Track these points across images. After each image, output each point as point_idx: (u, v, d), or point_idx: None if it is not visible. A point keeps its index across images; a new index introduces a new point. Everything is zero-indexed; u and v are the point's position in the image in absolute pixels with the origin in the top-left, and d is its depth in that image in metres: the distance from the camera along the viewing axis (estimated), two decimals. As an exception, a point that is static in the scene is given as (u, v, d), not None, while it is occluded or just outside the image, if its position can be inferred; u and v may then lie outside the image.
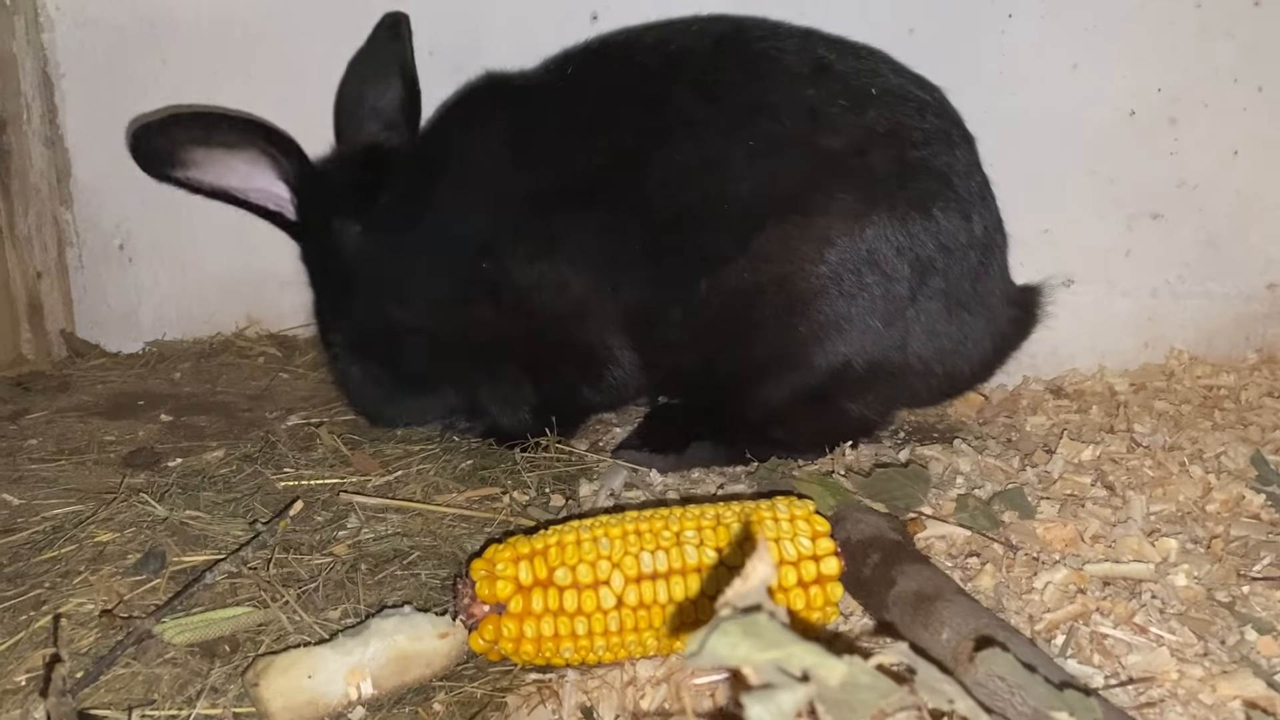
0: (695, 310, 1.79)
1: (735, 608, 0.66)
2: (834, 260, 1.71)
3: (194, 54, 2.39)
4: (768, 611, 0.65)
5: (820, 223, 1.71)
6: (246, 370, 2.36)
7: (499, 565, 1.21)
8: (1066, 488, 1.67)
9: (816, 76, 1.79)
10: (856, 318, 1.73)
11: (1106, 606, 1.30)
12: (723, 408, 1.83)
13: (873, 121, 1.76)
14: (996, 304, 1.86)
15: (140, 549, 1.47)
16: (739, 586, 0.68)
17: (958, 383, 1.94)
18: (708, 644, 0.63)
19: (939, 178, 1.77)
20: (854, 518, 1.40)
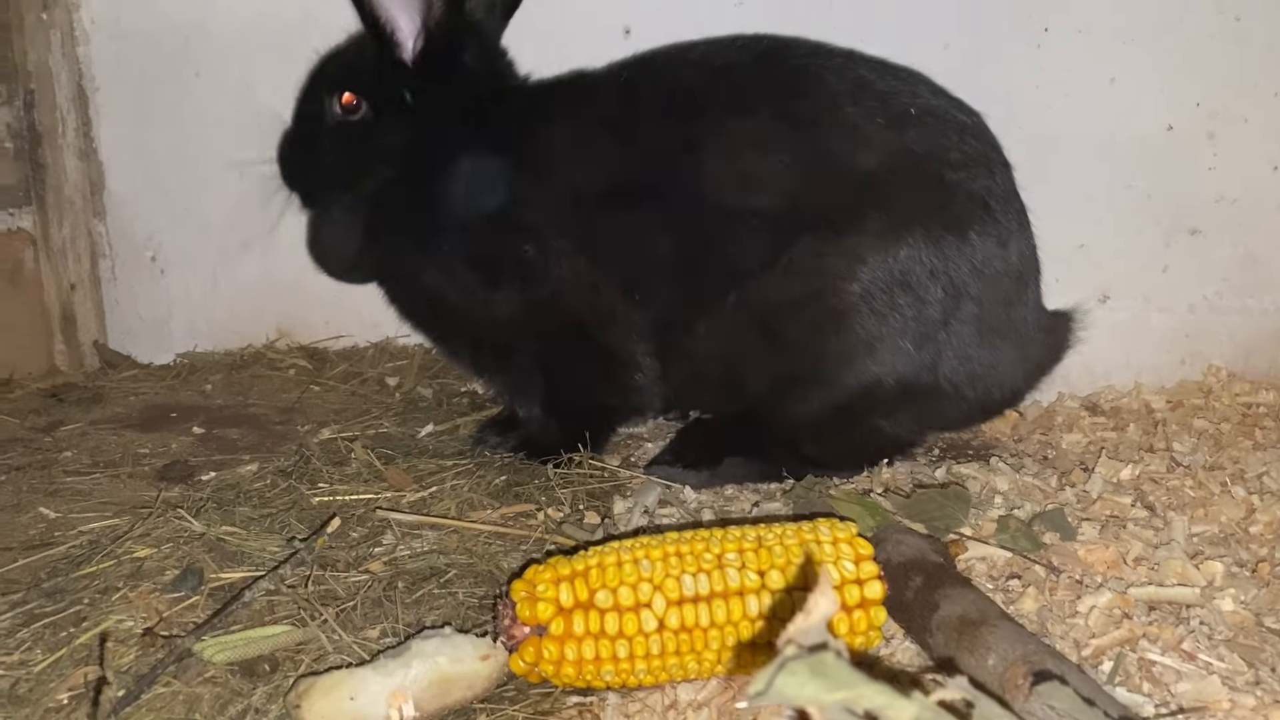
0: (723, 322, 1.78)
1: (800, 645, 0.65)
2: (865, 279, 1.70)
3: (226, 66, 2.40)
4: (834, 650, 0.64)
5: (852, 241, 1.70)
6: (277, 382, 2.36)
7: (539, 587, 1.20)
8: (1106, 508, 1.65)
9: (855, 95, 1.78)
10: (887, 337, 1.71)
11: (1153, 632, 1.28)
12: (755, 423, 1.82)
13: (910, 142, 1.75)
14: (1029, 330, 1.85)
15: (178, 565, 1.47)
16: (802, 622, 0.67)
17: (989, 407, 1.92)
18: (775, 683, 0.62)
19: (976, 201, 1.76)
20: (895, 539, 1.39)
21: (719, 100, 1.81)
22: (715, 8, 2.16)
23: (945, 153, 1.77)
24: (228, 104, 2.41)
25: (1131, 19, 2.08)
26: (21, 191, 2.33)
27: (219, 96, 2.41)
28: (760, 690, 0.62)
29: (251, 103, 2.39)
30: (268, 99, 2.38)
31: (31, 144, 2.33)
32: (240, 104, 2.39)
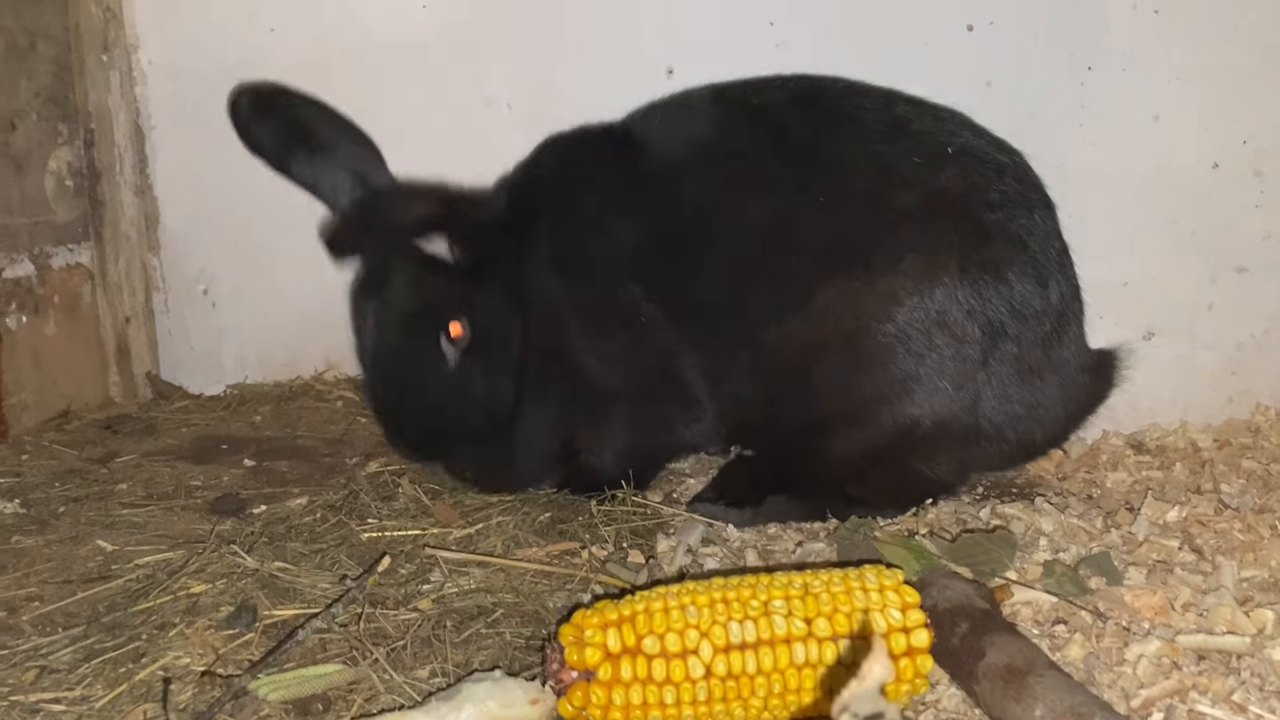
0: (763, 360, 1.80)
1: (855, 713, 0.66)
2: (902, 320, 1.71)
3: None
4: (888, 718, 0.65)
5: (887, 281, 1.72)
6: (325, 414, 2.40)
7: (587, 632, 1.21)
8: (1153, 551, 1.64)
9: (893, 134, 1.80)
10: (925, 378, 1.72)
11: (1203, 683, 1.27)
12: (798, 461, 1.83)
13: (948, 181, 1.77)
14: (1070, 371, 1.85)
15: (232, 601, 1.50)
16: (855, 688, 0.68)
17: (1031, 448, 1.92)
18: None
19: (1015, 242, 1.77)
20: (940, 584, 1.39)
21: (757, 140, 1.83)
22: (757, 48, 2.18)
23: (984, 193, 1.78)
24: (278, 140, 2.45)
25: (1176, 57, 2.08)
26: (80, 227, 2.40)
27: (270, 133, 2.45)
28: (816, 759, 0.63)
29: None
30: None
31: (90, 181, 2.39)
32: (291, 140, 2.44)
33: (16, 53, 2.21)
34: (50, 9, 2.29)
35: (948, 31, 2.13)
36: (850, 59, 2.11)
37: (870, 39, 2.15)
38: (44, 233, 2.29)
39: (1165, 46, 2.08)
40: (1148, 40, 2.08)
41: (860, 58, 2.12)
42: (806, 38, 2.17)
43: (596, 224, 1.89)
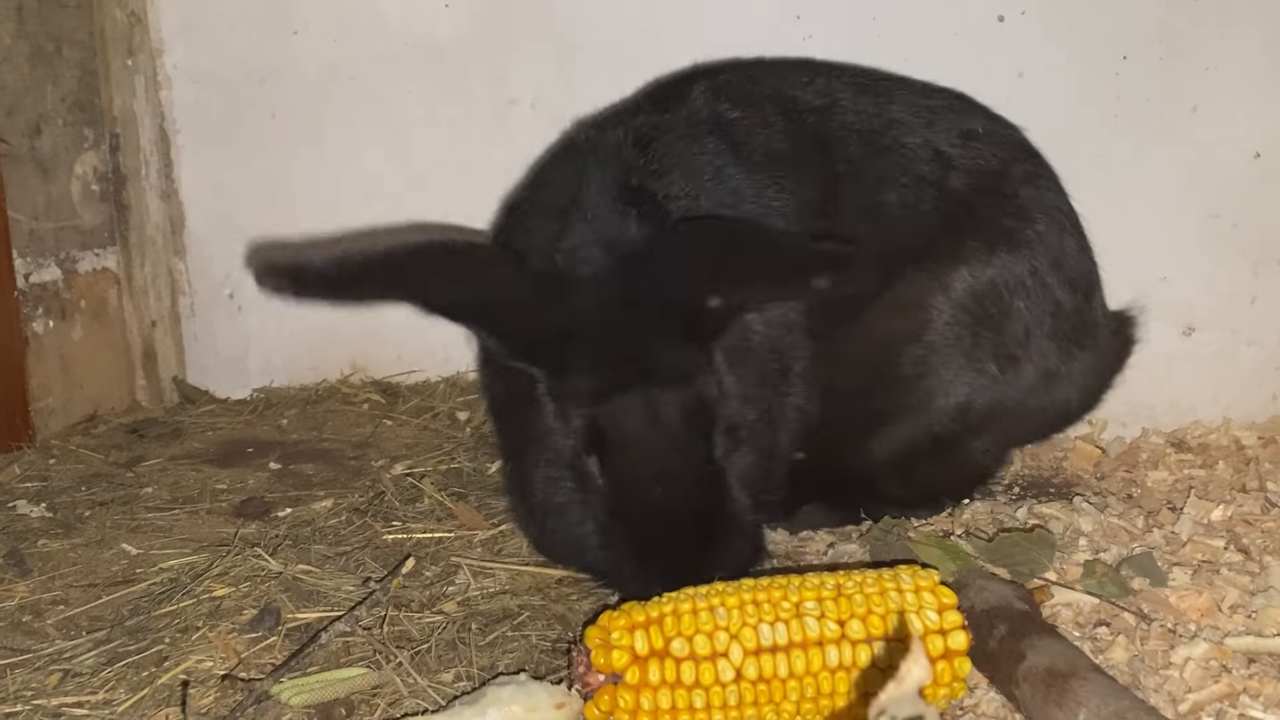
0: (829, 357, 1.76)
1: (893, 716, 0.62)
2: (961, 305, 1.71)
3: (302, 108, 2.45)
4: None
5: (953, 269, 1.72)
6: (351, 417, 2.39)
7: (614, 634, 1.18)
8: (1198, 551, 1.59)
9: (931, 119, 1.78)
10: (978, 360, 1.71)
11: (1254, 687, 1.22)
12: (832, 467, 1.78)
13: (986, 160, 1.76)
14: (1101, 334, 1.85)
15: (255, 604, 1.49)
16: (893, 690, 0.65)
17: (1068, 416, 1.92)
18: (869, 758, 0.60)
19: (1047, 215, 1.77)
20: (977, 585, 1.35)
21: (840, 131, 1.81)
22: (783, 41, 2.15)
23: (1015, 170, 1.79)
24: (302, 145, 2.45)
25: (1215, 46, 2.03)
26: (107, 232, 2.40)
27: (294, 138, 2.46)
28: (854, 765, 0.60)
29: (327, 142, 2.43)
30: (342, 139, 2.44)
31: (116, 186, 2.39)
32: (314, 145, 2.44)
33: (42, 58, 2.21)
34: (75, 14, 2.30)
35: (978, 22, 2.09)
36: (878, 51, 2.07)
37: (899, 30, 2.11)
38: (70, 237, 2.30)
39: (1202, 34, 2.03)
40: (1184, 28, 2.03)
41: (889, 49, 2.09)
42: (834, 30, 2.13)
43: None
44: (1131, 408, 2.15)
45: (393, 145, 2.40)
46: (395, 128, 2.40)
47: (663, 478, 1.38)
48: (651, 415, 1.39)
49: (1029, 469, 2.03)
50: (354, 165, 2.44)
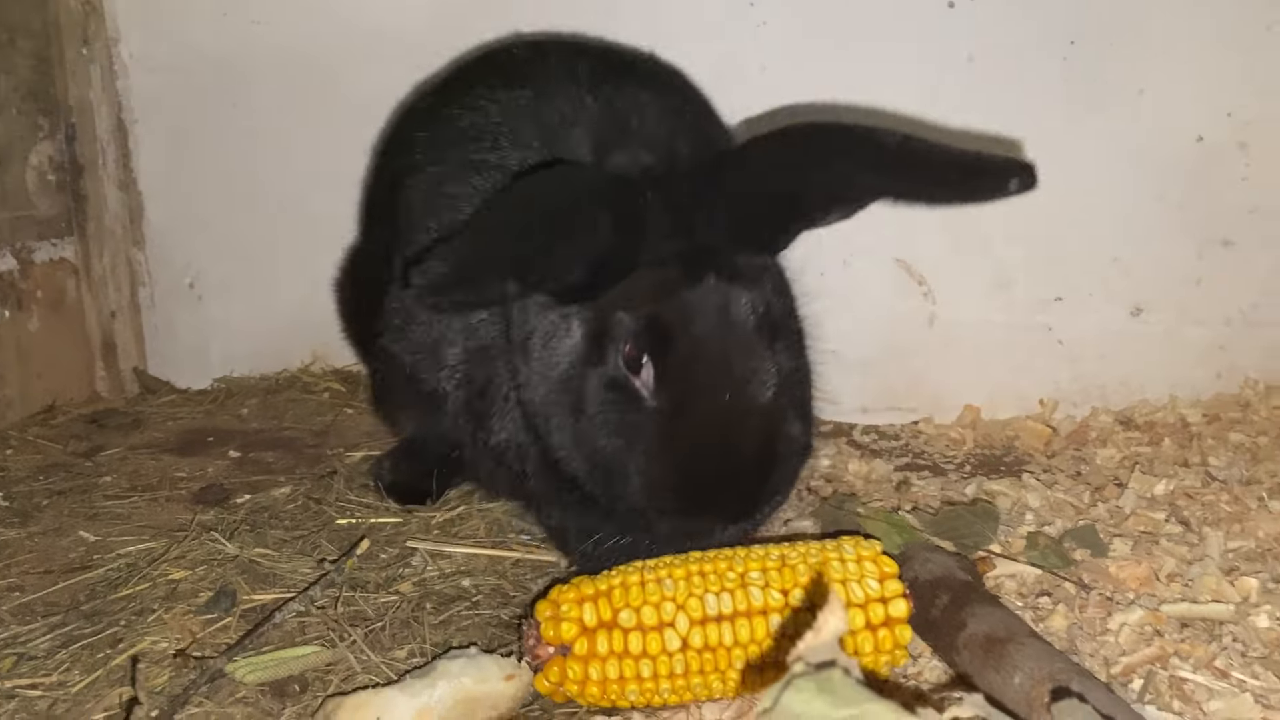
0: None
1: (809, 662, 0.65)
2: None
3: (262, 96, 2.45)
4: (842, 667, 0.64)
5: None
6: (311, 406, 2.39)
7: (564, 607, 1.21)
8: (1140, 524, 1.63)
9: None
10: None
11: (1185, 649, 1.26)
12: None
13: None
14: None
15: (211, 587, 1.50)
16: (811, 639, 0.68)
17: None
18: (781, 700, 0.62)
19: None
20: (922, 557, 1.38)
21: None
22: (738, 27, 2.17)
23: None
24: (264, 135, 2.45)
25: (1161, 30, 2.06)
26: (64, 222, 2.39)
27: (255, 127, 2.45)
28: (768, 708, 0.62)
29: (288, 131, 2.43)
30: (304, 128, 2.44)
31: (73, 176, 2.38)
32: (276, 135, 2.44)
33: (-5, 47, 2.20)
34: (29, 3, 2.28)
35: (929, 7, 2.12)
36: (831, 37, 2.10)
37: (851, 16, 2.13)
38: (26, 227, 2.29)
39: (1148, 20, 2.07)
40: (1130, 14, 2.07)
41: (841, 35, 2.12)
42: (788, 16, 2.15)
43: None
44: (1083, 387, 2.20)
45: (356, 133, 2.40)
46: (359, 115, 2.40)
47: (740, 383, 1.26)
48: (728, 311, 1.28)
49: (981, 448, 2.07)
50: (317, 153, 2.44)
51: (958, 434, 2.11)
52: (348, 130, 2.37)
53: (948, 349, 2.18)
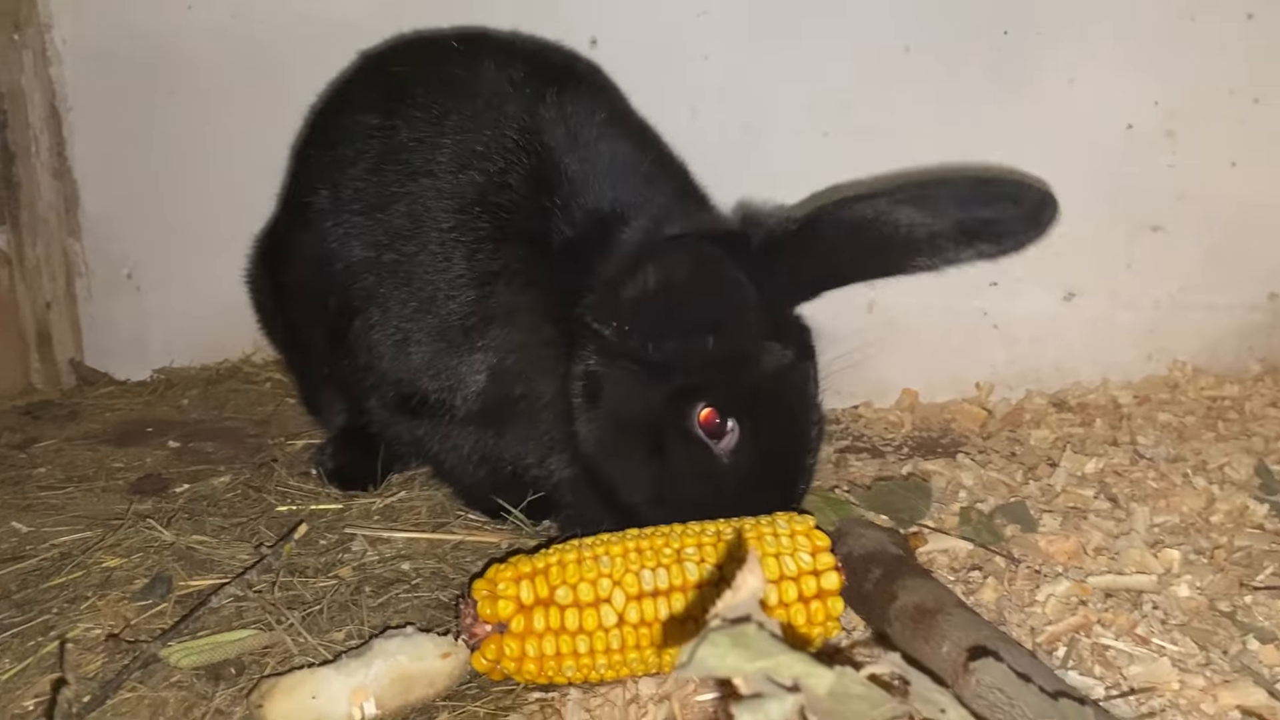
0: None
1: (725, 619, 0.66)
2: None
3: (200, 84, 2.41)
4: (757, 622, 0.65)
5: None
6: (253, 396, 2.37)
7: (500, 585, 1.21)
8: (1069, 501, 1.67)
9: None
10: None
11: (1108, 618, 1.30)
12: None
13: None
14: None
15: (147, 574, 1.48)
16: (729, 598, 0.69)
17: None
18: (697, 654, 0.63)
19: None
20: (855, 532, 1.41)
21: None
22: (680, 17, 2.18)
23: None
24: (202, 122, 2.42)
25: (1089, 20, 2.11)
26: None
27: (193, 114, 2.42)
28: (684, 661, 0.64)
29: (227, 119, 2.41)
30: (243, 116, 2.41)
31: (4, 163, 2.34)
32: (214, 121, 2.41)
33: (-78, 32, 2.15)
34: (-42, -12, 2.24)
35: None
36: (770, 27, 2.12)
37: (793, 6, 2.15)
38: (-44, 216, 2.24)
39: (1077, 9, 2.11)
40: (1061, 4, 2.11)
41: (782, 24, 2.13)
42: (728, 6, 2.17)
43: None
44: (1018, 371, 2.24)
45: (296, 120, 2.37)
46: (298, 103, 2.38)
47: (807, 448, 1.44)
48: (804, 384, 1.46)
49: (919, 430, 2.10)
50: (257, 141, 2.40)
51: (896, 417, 2.14)
52: (288, 116, 2.35)
53: (886, 335, 2.20)
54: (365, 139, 1.68)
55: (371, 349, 1.61)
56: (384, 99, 1.69)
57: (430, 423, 1.60)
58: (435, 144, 1.61)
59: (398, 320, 1.59)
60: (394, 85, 1.71)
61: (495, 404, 1.55)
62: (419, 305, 1.57)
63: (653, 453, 1.41)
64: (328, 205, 1.70)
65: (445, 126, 1.62)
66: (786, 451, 1.42)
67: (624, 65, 1.99)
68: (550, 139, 1.57)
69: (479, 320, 1.53)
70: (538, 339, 1.51)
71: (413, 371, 1.59)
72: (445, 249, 1.56)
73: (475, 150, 1.58)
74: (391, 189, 1.62)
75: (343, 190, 1.68)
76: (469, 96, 1.63)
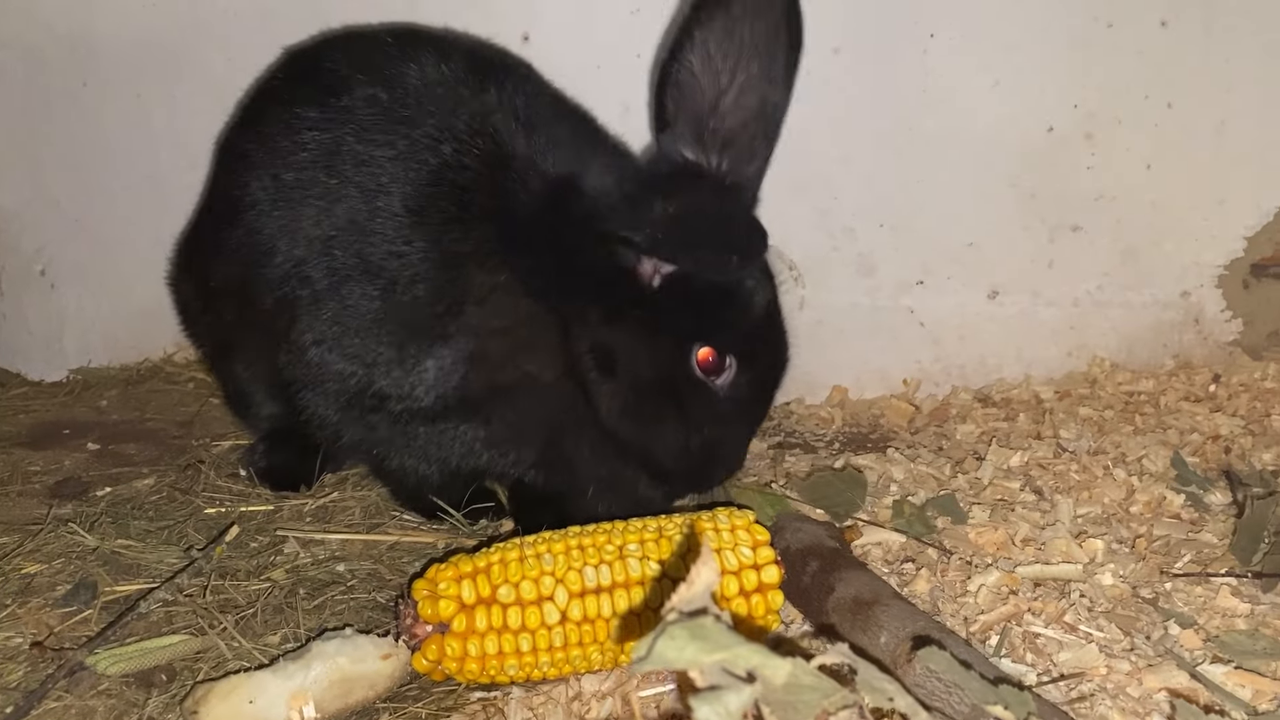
0: None
1: (682, 612, 0.67)
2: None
3: (116, 77, 2.34)
4: (713, 615, 0.66)
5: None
6: (175, 396, 2.31)
7: (441, 585, 1.20)
8: (997, 493, 1.71)
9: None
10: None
11: (1038, 607, 1.33)
12: None
13: None
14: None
15: (70, 580, 1.44)
16: (685, 591, 0.69)
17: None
18: (655, 647, 0.64)
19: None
20: (793, 527, 1.43)
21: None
22: (612, 15, 2.18)
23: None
24: (118, 115, 2.35)
25: (1011, 25, 2.16)
26: (-101, 205, 2.25)
27: (108, 107, 2.35)
28: (642, 655, 0.64)
29: (143, 114, 2.34)
30: (160, 111, 2.35)
31: (-91, 156, 2.25)
32: (131, 115, 2.34)
33: None
34: None
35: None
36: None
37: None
38: None
39: (1000, 15, 2.15)
40: (985, 8, 2.15)
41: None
42: (660, 5, 2.17)
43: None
44: (944, 367, 2.28)
45: (216, 114, 2.31)
46: (218, 96, 2.32)
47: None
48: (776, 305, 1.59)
49: (849, 426, 2.13)
50: (175, 135, 2.34)
51: (827, 413, 2.17)
52: (209, 111, 2.29)
53: (817, 332, 2.23)
54: (304, 131, 1.64)
55: (321, 345, 1.56)
56: (323, 92, 1.65)
57: (385, 419, 1.56)
58: (386, 132, 1.58)
59: (353, 313, 1.54)
60: (333, 79, 1.67)
61: (480, 392, 1.53)
62: (379, 293, 1.52)
63: (679, 411, 1.48)
64: (264, 200, 1.65)
65: (393, 117, 1.59)
66: (768, 380, 1.56)
67: (556, 62, 1.98)
68: (499, 121, 1.57)
69: (451, 304, 1.50)
70: (519, 317, 1.50)
71: (369, 366, 1.54)
72: (406, 234, 1.52)
73: (430, 136, 1.56)
74: (338, 180, 1.58)
75: (282, 184, 1.63)
76: (413, 87, 1.61)
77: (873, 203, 2.22)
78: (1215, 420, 1.97)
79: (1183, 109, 2.18)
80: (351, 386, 1.55)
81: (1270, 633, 1.26)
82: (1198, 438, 1.90)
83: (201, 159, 2.26)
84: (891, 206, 2.22)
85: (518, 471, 1.60)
